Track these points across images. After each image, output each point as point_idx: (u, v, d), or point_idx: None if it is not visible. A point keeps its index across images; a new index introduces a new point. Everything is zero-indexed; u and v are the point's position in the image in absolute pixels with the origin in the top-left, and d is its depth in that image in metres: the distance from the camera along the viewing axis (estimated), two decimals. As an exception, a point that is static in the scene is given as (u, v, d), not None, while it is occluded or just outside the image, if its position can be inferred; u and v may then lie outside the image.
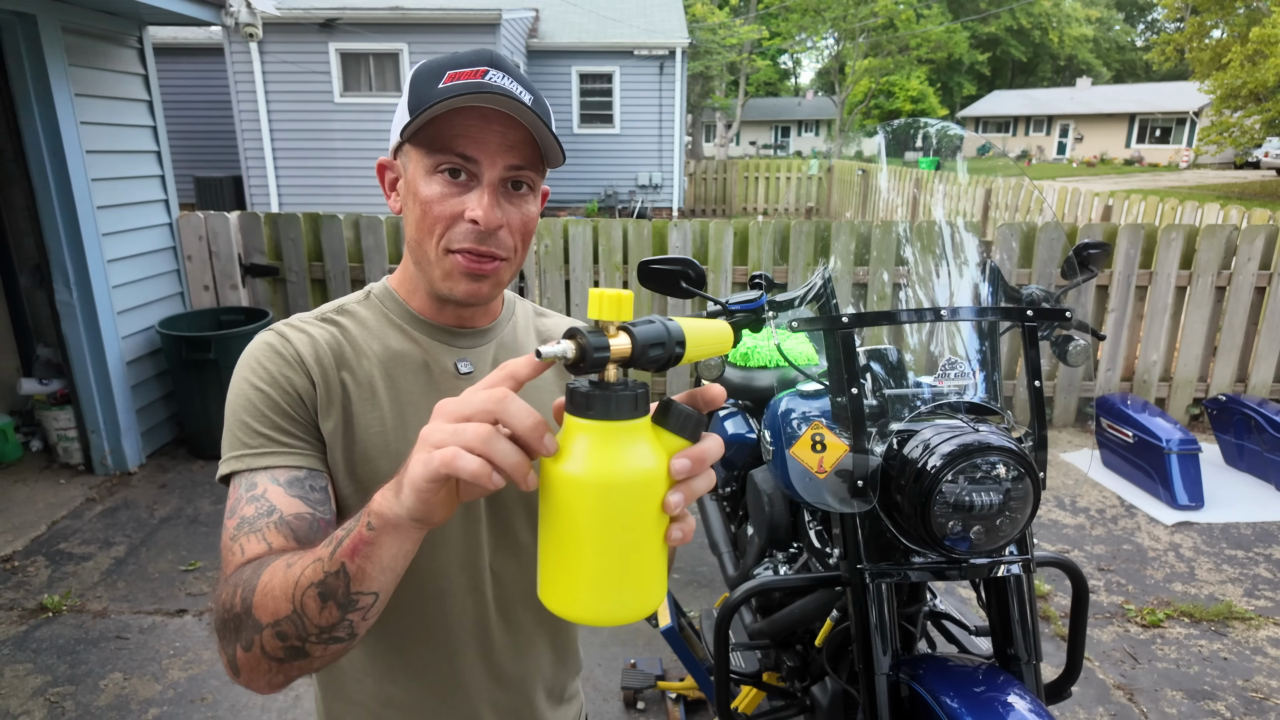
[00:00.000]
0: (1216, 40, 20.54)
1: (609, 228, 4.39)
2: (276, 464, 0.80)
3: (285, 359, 0.83)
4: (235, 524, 0.76)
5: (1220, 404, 4.15)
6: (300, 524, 0.76)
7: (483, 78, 0.79)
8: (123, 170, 3.91)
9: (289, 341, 0.84)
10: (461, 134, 0.80)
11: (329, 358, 0.85)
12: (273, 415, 0.81)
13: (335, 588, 0.64)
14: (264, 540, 0.74)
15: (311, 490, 0.80)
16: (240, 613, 0.68)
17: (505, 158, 0.81)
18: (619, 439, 0.55)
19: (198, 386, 3.94)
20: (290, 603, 0.65)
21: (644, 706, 2.39)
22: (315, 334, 0.86)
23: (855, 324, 1.30)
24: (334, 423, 0.84)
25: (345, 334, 0.88)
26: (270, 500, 0.77)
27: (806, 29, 31.79)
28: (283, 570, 0.67)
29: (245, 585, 0.69)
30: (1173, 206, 6.66)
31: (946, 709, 1.20)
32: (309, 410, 0.83)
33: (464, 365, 0.91)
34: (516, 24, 12.18)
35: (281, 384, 0.82)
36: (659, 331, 0.58)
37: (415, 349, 0.90)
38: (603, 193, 14.20)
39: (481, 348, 0.93)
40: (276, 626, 0.65)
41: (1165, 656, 2.62)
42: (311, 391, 0.83)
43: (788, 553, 1.92)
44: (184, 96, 12.80)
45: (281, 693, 2.40)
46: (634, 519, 0.56)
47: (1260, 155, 25.25)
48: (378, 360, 0.87)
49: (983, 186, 9.29)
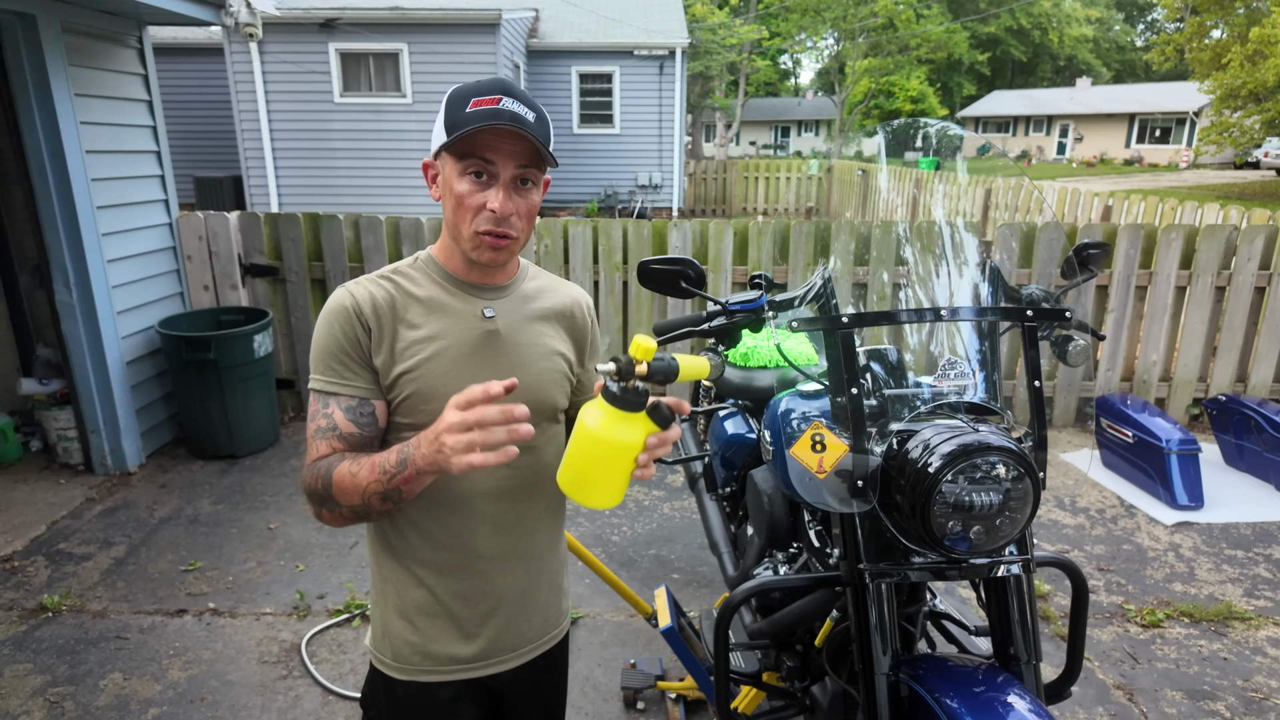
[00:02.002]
0: (1216, 40, 20.54)
1: (609, 228, 4.39)
2: (341, 392, 1.16)
3: (350, 313, 1.16)
4: (314, 429, 1.15)
5: (1220, 404, 4.15)
6: (353, 439, 1.15)
7: (498, 104, 1.09)
8: (123, 170, 3.91)
9: (355, 298, 1.16)
10: (484, 145, 1.11)
11: (385, 308, 1.17)
12: (340, 355, 1.16)
13: (391, 494, 1.06)
14: (330, 446, 1.15)
15: (361, 415, 1.16)
16: (323, 493, 1.10)
17: (515, 161, 1.13)
18: (624, 420, 0.99)
19: (197, 386, 3.94)
20: (360, 498, 1.07)
21: (644, 706, 2.39)
22: (375, 291, 1.18)
23: (855, 324, 1.30)
24: (384, 355, 1.16)
25: (399, 288, 1.20)
26: (334, 420, 1.15)
27: (806, 29, 31.77)
28: (350, 478, 1.07)
29: (323, 477, 1.10)
30: (1172, 206, 6.66)
31: (946, 709, 1.20)
32: (364, 351, 1.16)
33: (488, 311, 1.22)
34: (516, 24, 12.18)
35: (347, 333, 1.15)
36: (665, 366, 1.02)
37: (452, 299, 1.21)
38: (603, 193, 14.20)
39: (502, 299, 1.24)
40: (352, 506, 1.09)
41: (1165, 656, 2.62)
42: (366, 338, 1.16)
43: (788, 553, 1.92)
44: (184, 96, 12.80)
45: (282, 694, 2.41)
46: (619, 461, 1.00)
47: (1260, 155, 25.25)
48: (423, 307, 1.19)
49: (983, 186, 9.29)
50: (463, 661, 1.26)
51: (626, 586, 2.26)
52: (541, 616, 1.33)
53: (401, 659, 1.26)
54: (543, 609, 1.33)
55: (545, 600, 1.34)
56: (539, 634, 1.33)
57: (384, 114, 11.33)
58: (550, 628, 1.36)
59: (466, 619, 1.25)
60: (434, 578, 1.23)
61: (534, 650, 1.33)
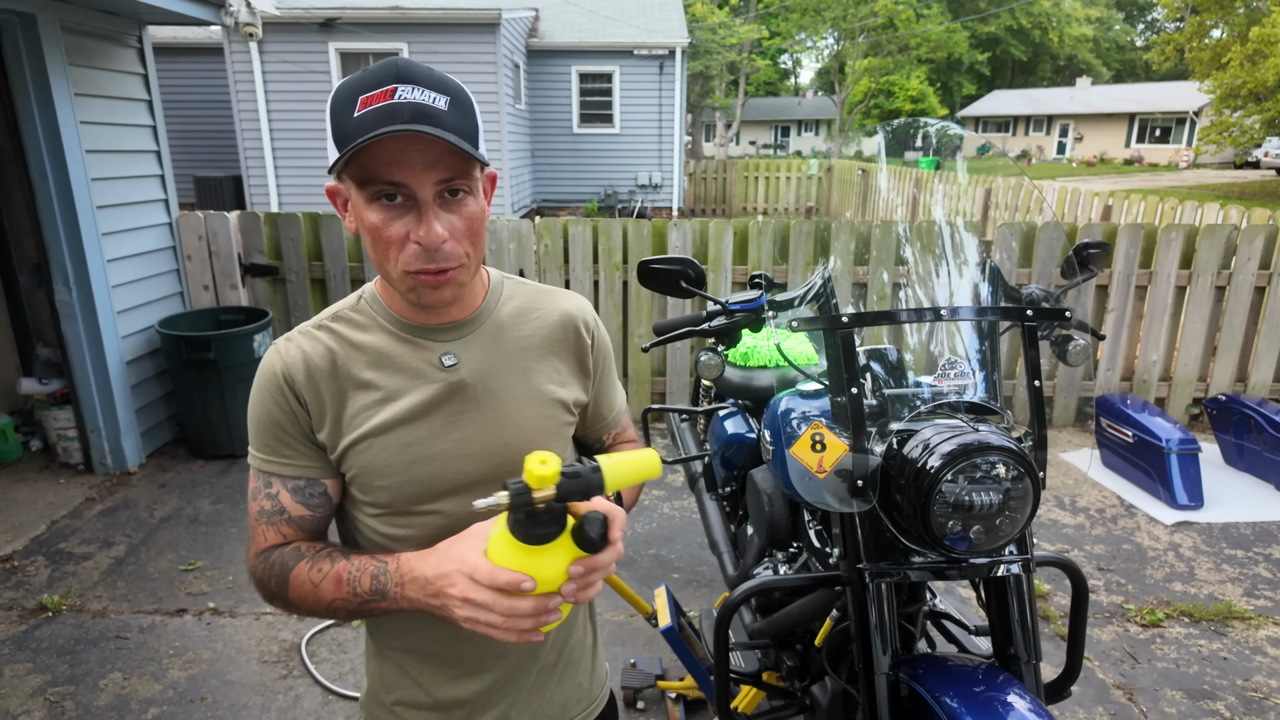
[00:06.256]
0: (1216, 40, 20.54)
1: (609, 227, 4.39)
2: (283, 473, 0.97)
3: (280, 384, 0.95)
4: (256, 511, 0.97)
5: (1220, 404, 4.15)
6: (304, 523, 0.98)
7: (392, 97, 0.82)
8: (122, 170, 3.91)
9: (285, 362, 0.95)
10: (386, 161, 0.83)
11: (322, 372, 0.96)
12: (276, 432, 0.96)
13: (361, 614, 0.92)
14: (279, 533, 0.97)
15: (311, 496, 0.98)
16: (276, 591, 0.94)
17: (432, 174, 0.85)
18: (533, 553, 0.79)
19: (197, 386, 3.94)
20: (324, 610, 0.92)
21: (644, 706, 2.39)
22: (309, 350, 0.97)
23: (855, 324, 1.30)
24: (328, 428, 0.96)
25: (339, 340, 0.98)
26: (280, 503, 0.97)
27: (806, 29, 31.78)
28: (310, 588, 0.91)
29: (277, 577, 0.94)
30: (1172, 206, 6.65)
31: (946, 709, 1.20)
32: (303, 426, 0.96)
33: (448, 359, 0.98)
34: (516, 24, 12.18)
35: (278, 410, 0.95)
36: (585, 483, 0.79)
37: (402, 348, 0.98)
38: (602, 192, 14.20)
39: (465, 338, 1.00)
40: (311, 612, 0.93)
41: (1165, 656, 2.62)
42: (304, 411, 0.96)
43: (788, 552, 1.92)
44: (184, 96, 12.79)
45: (282, 693, 2.41)
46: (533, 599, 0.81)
47: (1260, 155, 25.25)
48: (368, 361, 0.97)
49: (983, 186, 9.29)
50: None
51: (626, 586, 2.26)
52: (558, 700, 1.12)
53: None
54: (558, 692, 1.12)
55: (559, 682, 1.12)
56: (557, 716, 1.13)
57: (384, 114, 11.32)
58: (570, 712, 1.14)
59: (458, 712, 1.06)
60: (419, 666, 1.05)
61: None
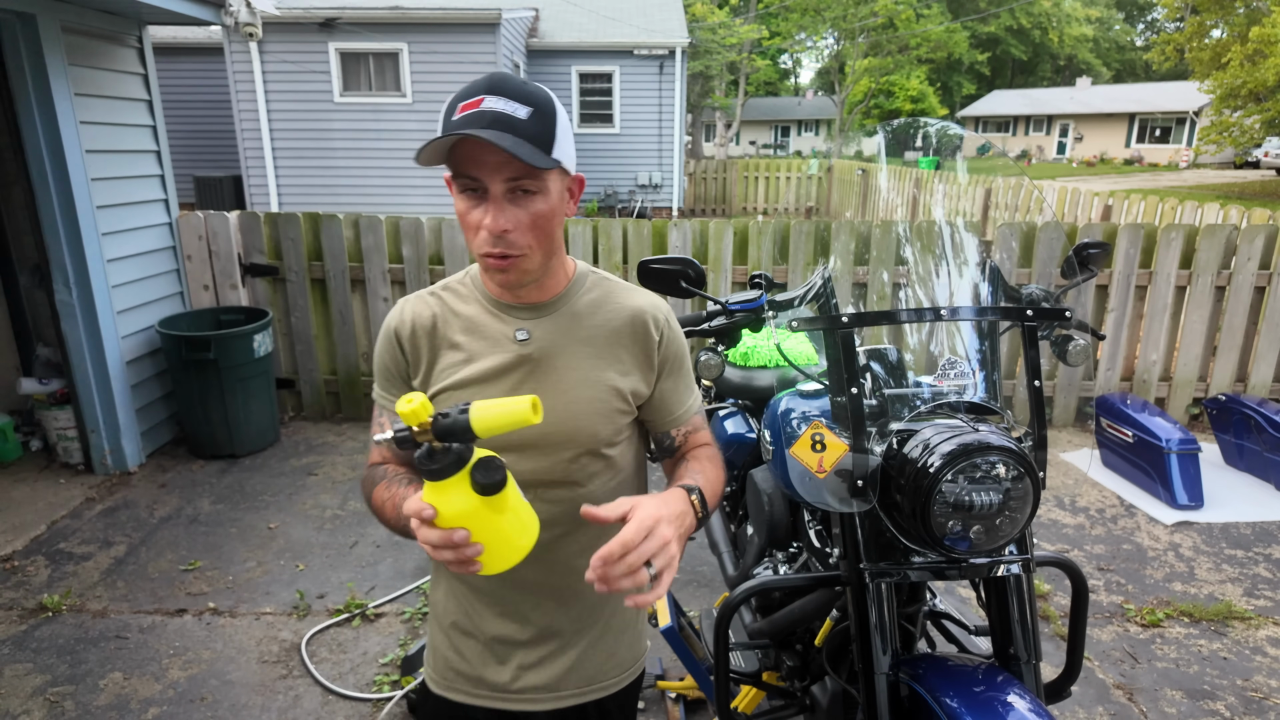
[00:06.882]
0: (1216, 40, 20.54)
1: (609, 227, 4.39)
2: (388, 406, 1.20)
3: (392, 335, 1.19)
4: (373, 435, 1.14)
5: (1220, 404, 4.15)
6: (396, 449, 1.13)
7: (480, 106, 0.98)
8: (122, 170, 3.91)
9: (400, 317, 1.18)
10: (467, 158, 1.01)
11: (424, 330, 1.18)
12: (386, 374, 1.21)
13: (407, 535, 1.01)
14: (381, 455, 1.22)
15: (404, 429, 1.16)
16: (366, 499, 1.17)
17: (501, 173, 1.00)
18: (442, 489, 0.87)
19: (197, 386, 3.94)
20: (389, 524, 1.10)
21: (644, 706, 2.38)
22: (419, 310, 1.19)
23: (855, 324, 1.30)
24: (421, 376, 1.19)
25: (443, 306, 1.19)
26: (384, 429, 1.16)
27: (806, 29, 31.76)
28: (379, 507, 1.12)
29: (366, 492, 1.17)
30: (1172, 206, 6.65)
31: (946, 709, 1.20)
32: (404, 372, 1.20)
33: (521, 334, 1.15)
34: (516, 24, 12.18)
35: (388, 356, 1.20)
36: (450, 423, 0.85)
37: (489, 319, 1.17)
38: (603, 192, 14.20)
39: (540, 319, 1.16)
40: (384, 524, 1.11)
41: (1165, 656, 2.62)
42: (404, 360, 1.19)
43: (788, 552, 1.92)
44: (184, 96, 12.79)
45: (282, 693, 2.41)
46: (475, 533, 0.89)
47: (1260, 155, 25.24)
48: (461, 326, 1.17)
49: (983, 186, 9.29)
50: (491, 688, 1.23)
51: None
52: (590, 663, 1.24)
53: (439, 672, 1.27)
54: (590, 655, 1.24)
55: (593, 646, 1.24)
56: (584, 681, 1.24)
57: (384, 114, 11.33)
58: (600, 678, 1.25)
59: (498, 647, 1.22)
60: (470, 597, 1.22)
61: (575, 697, 1.24)
